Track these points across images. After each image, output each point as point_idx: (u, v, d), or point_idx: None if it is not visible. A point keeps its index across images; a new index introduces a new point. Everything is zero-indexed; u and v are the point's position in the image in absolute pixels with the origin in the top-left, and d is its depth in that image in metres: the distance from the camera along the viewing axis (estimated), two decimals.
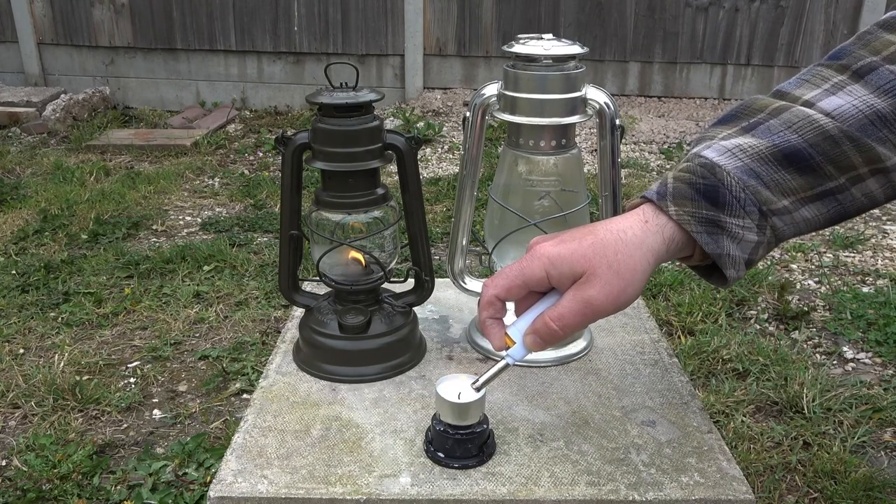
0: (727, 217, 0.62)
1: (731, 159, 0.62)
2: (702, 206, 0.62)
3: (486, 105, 0.83)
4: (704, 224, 0.62)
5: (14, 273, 2.51)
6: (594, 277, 0.61)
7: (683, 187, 0.62)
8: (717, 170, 0.62)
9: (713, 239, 0.62)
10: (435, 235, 2.79)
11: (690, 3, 4.41)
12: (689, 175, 0.63)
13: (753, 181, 0.62)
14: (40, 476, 1.57)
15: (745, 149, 0.63)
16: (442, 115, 4.47)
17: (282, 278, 0.89)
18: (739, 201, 0.61)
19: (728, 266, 0.63)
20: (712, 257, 0.63)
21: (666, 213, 0.62)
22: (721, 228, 0.62)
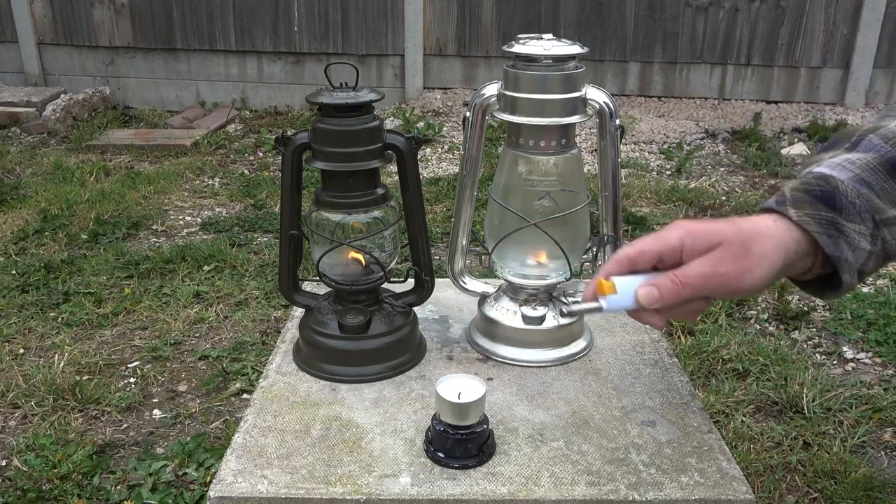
0: (845, 221, 0.64)
1: (842, 171, 0.65)
2: (821, 208, 0.64)
3: (486, 105, 0.83)
4: (825, 225, 0.63)
5: (14, 273, 2.51)
6: (727, 251, 0.62)
7: (801, 195, 0.64)
8: (831, 179, 0.65)
9: (833, 241, 0.63)
10: (435, 235, 2.78)
11: (690, 3, 4.41)
12: (805, 185, 0.65)
13: (866, 189, 0.64)
14: (40, 476, 1.57)
15: (854, 161, 0.66)
16: (442, 115, 4.47)
17: (282, 278, 0.89)
18: (855, 207, 0.64)
19: (845, 270, 0.64)
20: (832, 260, 0.64)
21: (787, 217, 0.64)
22: (840, 231, 0.64)
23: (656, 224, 2.95)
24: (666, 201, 3.22)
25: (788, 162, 3.75)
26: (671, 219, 3.02)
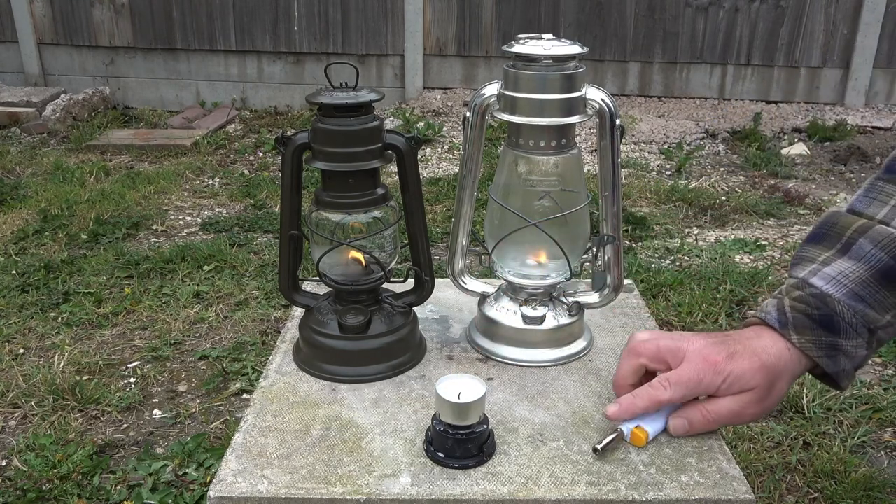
0: (843, 341, 0.71)
1: (837, 287, 0.71)
2: (821, 333, 0.71)
3: (486, 105, 0.83)
4: (825, 349, 0.71)
5: (14, 273, 2.51)
6: (757, 396, 0.70)
7: (801, 318, 0.71)
8: (828, 300, 0.71)
9: (832, 360, 0.71)
10: (435, 235, 2.79)
11: (690, 3, 4.41)
12: (804, 306, 0.72)
13: (861, 305, 0.71)
14: (40, 476, 1.57)
15: (848, 275, 0.71)
16: (442, 115, 4.47)
17: (282, 278, 0.89)
18: (852, 326, 0.71)
19: (843, 379, 0.72)
20: (832, 376, 0.72)
21: (789, 341, 0.71)
22: (838, 350, 0.71)
23: (656, 224, 2.95)
24: (666, 201, 3.22)
25: (788, 162, 3.75)
26: (671, 218, 3.02)
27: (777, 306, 0.73)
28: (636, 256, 2.63)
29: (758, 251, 2.73)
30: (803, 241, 0.78)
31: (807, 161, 3.81)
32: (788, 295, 0.74)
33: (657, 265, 2.56)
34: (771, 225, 3.02)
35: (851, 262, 0.72)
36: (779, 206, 3.17)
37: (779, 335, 0.72)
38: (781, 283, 2.37)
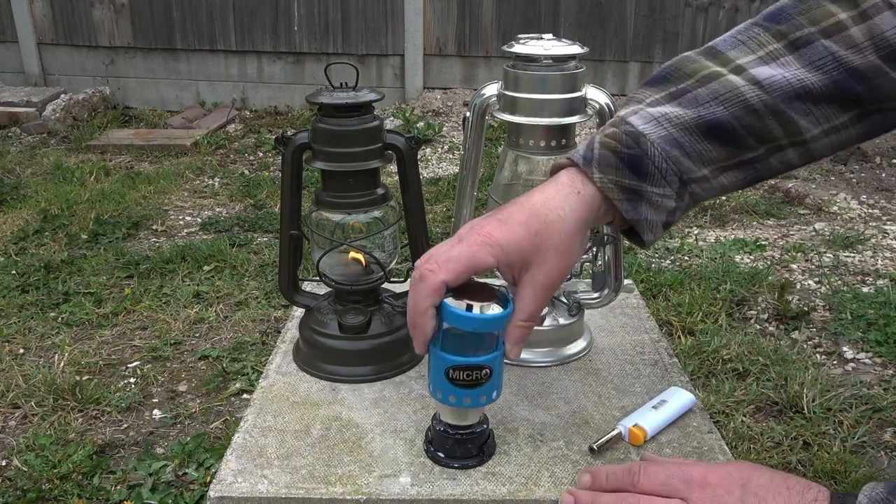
0: (648, 186, 0.64)
1: (656, 128, 0.64)
2: (625, 174, 0.64)
3: (486, 105, 0.83)
4: (626, 192, 0.64)
5: (14, 273, 2.51)
6: (544, 263, 0.63)
7: (609, 154, 0.64)
8: (641, 139, 0.63)
9: (633, 206, 0.64)
10: (435, 235, 2.79)
11: (690, 3, 4.41)
12: (615, 142, 0.64)
13: (676, 151, 0.64)
14: (40, 476, 1.57)
15: (671, 118, 0.64)
16: (442, 115, 4.47)
17: (282, 278, 0.89)
18: (661, 171, 0.64)
19: (646, 230, 0.66)
20: (631, 223, 0.65)
21: (591, 181, 0.64)
22: (641, 196, 0.64)
23: None
24: None
25: None
26: None
27: (587, 143, 0.66)
28: (636, 256, 2.63)
29: (758, 251, 2.73)
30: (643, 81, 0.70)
31: None
32: (602, 132, 0.66)
33: (657, 265, 2.56)
34: (771, 225, 3.02)
35: (679, 108, 0.64)
36: (779, 206, 3.17)
37: (579, 174, 0.64)
38: (781, 282, 2.37)
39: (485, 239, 0.62)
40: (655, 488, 0.61)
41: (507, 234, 0.62)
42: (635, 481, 0.62)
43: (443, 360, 0.65)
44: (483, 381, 0.65)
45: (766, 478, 0.60)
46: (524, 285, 0.63)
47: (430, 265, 0.62)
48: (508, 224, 0.63)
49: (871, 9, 0.62)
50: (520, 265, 0.63)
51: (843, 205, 3.24)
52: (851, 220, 3.07)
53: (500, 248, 0.62)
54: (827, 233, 2.90)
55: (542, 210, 0.63)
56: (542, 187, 0.65)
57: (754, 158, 0.66)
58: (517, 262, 0.63)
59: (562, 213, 0.63)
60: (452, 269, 0.62)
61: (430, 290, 0.62)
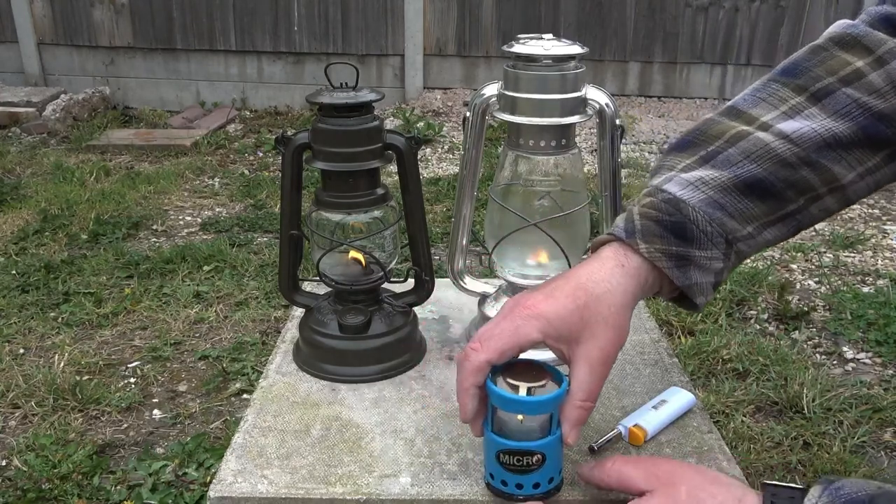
0: (696, 251, 0.63)
1: (694, 192, 0.63)
2: (671, 241, 0.63)
3: (486, 105, 0.83)
4: (674, 259, 0.63)
5: (14, 273, 2.51)
6: (595, 338, 0.61)
7: (651, 224, 0.63)
8: (681, 205, 0.63)
9: (682, 272, 0.63)
10: (435, 235, 2.79)
11: (690, 3, 4.41)
12: (655, 212, 0.63)
13: (719, 213, 0.63)
14: (40, 476, 1.57)
15: (707, 181, 0.63)
16: (442, 115, 4.47)
17: (282, 278, 0.89)
18: (707, 235, 0.63)
19: (697, 294, 0.65)
20: (682, 289, 0.64)
21: (637, 252, 0.63)
22: (690, 262, 0.63)
23: None
24: None
25: None
26: None
27: (626, 217, 0.65)
28: None
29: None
30: (667, 148, 0.69)
31: None
32: (639, 203, 0.65)
33: None
34: None
35: (714, 171, 0.64)
36: None
37: (622, 247, 0.63)
38: (781, 282, 2.37)
39: (529, 312, 0.61)
40: None
41: (552, 307, 0.61)
42: None
43: (493, 442, 0.62)
44: (535, 467, 0.61)
45: None
46: (578, 362, 0.61)
47: (473, 344, 0.61)
48: (554, 297, 0.61)
49: (887, 54, 0.64)
50: (568, 339, 0.61)
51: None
52: (851, 220, 3.07)
53: (547, 321, 0.60)
54: (827, 233, 2.90)
55: (588, 283, 0.62)
56: (585, 263, 0.64)
57: (795, 210, 0.66)
58: (565, 336, 0.61)
59: (608, 286, 0.62)
60: (495, 346, 0.60)
61: (472, 370, 0.61)
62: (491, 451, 0.63)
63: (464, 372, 0.61)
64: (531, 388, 0.61)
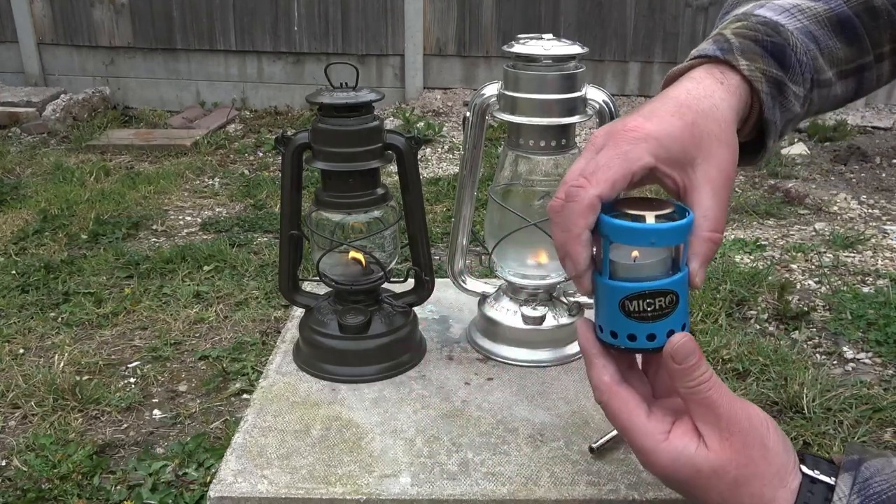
0: (790, 82, 0.57)
1: (790, 19, 0.58)
2: (772, 64, 0.56)
3: (486, 105, 0.83)
4: (772, 84, 0.56)
5: (14, 273, 2.51)
6: (712, 156, 0.53)
7: (751, 44, 0.56)
8: (780, 29, 0.57)
9: (774, 103, 0.57)
10: (435, 235, 2.79)
11: (690, 3, 4.41)
12: (753, 32, 0.56)
13: (813, 45, 0.58)
14: (40, 476, 1.57)
15: (804, 9, 0.58)
16: (442, 115, 4.47)
17: (282, 278, 0.89)
18: (801, 66, 0.57)
19: (771, 135, 0.58)
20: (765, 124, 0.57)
21: (737, 70, 0.55)
22: (781, 93, 0.57)
23: None
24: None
25: (788, 162, 3.75)
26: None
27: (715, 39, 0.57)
28: None
29: (758, 251, 2.73)
30: None
31: (807, 161, 3.80)
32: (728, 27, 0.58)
33: None
34: (771, 225, 3.02)
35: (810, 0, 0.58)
36: (779, 206, 3.17)
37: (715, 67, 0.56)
38: (781, 282, 2.37)
39: (635, 135, 0.52)
40: None
41: (660, 126, 0.52)
42: None
43: (616, 290, 0.53)
44: (669, 310, 0.53)
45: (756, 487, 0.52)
46: (699, 187, 0.53)
47: (576, 182, 0.52)
48: (659, 115, 0.53)
49: None
50: (683, 163, 0.53)
51: (843, 205, 3.24)
52: (851, 220, 3.07)
53: (657, 141, 0.52)
54: (827, 233, 2.90)
55: (690, 100, 0.54)
56: (677, 84, 0.56)
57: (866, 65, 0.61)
58: (679, 158, 0.53)
59: (712, 101, 0.54)
60: (604, 178, 0.51)
61: (582, 209, 0.51)
62: (613, 302, 0.53)
63: (571, 214, 0.52)
64: (658, 215, 0.52)
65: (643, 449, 0.53)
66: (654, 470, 0.53)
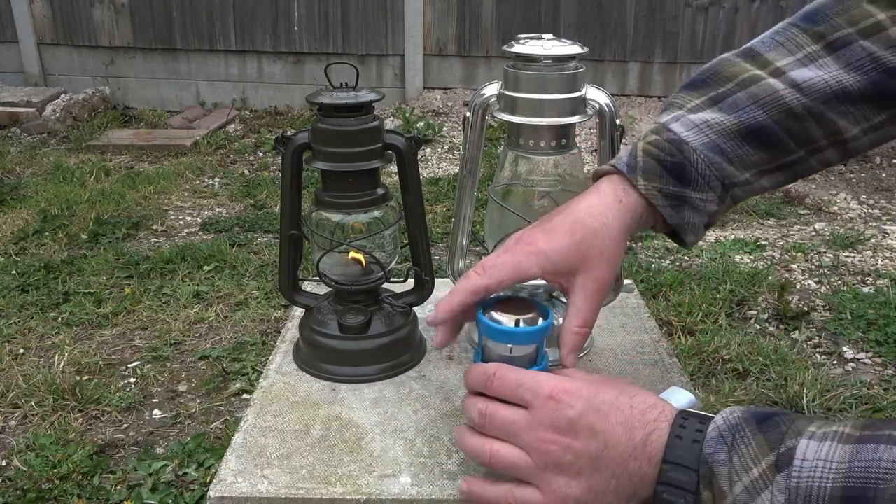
0: (692, 192, 0.65)
1: (698, 135, 0.65)
2: (669, 182, 0.65)
3: (486, 105, 0.83)
4: (670, 199, 0.65)
5: (14, 273, 2.51)
6: (593, 269, 0.64)
7: (652, 163, 0.65)
8: (684, 147, 0.64)
9: (676, 212, 0.66)
10: (435, 235, 2.79)
11: (690, 3, 4.41)
12: (658, 151, 0.65)
13: (719, 157, 0.65)
14: (40, 476, 1.57)
15: (713, 125, 0.65)
16: (442, 115, 4.47)
17: (282, 278, 0.89)
18: (704, 178, 0.65)
19: (688, 233, 0.67)
20: (674, 227, 0.67)
21: (636, 188, 0.65)
22: (685, 202, 0.65)
23: None
24: None
25: None
26: None
27: (630, 151, 0.67)
28: (636, 256, 2.63)
29: (758, 251, 2.73)
30: (681, 85, 0.71)
31: None
32: (644, 139, 0.67)
33: (657, 265, 2.56)
34: (771, 225, 3.02)
35: (720, 114, 0.65)
36: (779, 206, 3.17)
37: (621, 182, 0.65)
38: (781, 282, 2.37)
39: (530, 249, 0.64)
40: (505, 394, 0.60)
41: (552, 244, 0.64)
42: (489, 384, 0.61)
43: None
44: None
45: (612, 394, 0.58)
46: (576, 291, 0.64)
47: (475, 269, 0.65)
48: (555, 233, 0.64)
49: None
50: (567, 273, 0.64)
51: (843, 205, 3.24)
52: (851, 220, 3.07)
53: (545, 256, 0.63)
54: (827, 233, 2.90)
55: (586, 218, 0.64)
56: (584, 196, 0.67)
57: (795, 160, 0.67)
58: (564, 270, 0.64)
59: (605, 220, 0.64)
60: (496, 276, 0.64)
61: (468, 288, 0.64)
62: None
63: (459, 288, 0.65)
64: (519, 320, 0.64)
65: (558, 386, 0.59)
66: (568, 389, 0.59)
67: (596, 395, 0.58)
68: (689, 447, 0.54)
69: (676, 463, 0.54)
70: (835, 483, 0.48)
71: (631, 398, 0.58)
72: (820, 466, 0.49)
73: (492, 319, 0.64)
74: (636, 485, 0.56)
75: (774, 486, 0.50)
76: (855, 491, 0.48)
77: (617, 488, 0.56)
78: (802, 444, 0.51)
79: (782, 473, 0.50)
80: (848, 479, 0.48)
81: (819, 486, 0.49)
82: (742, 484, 0.51)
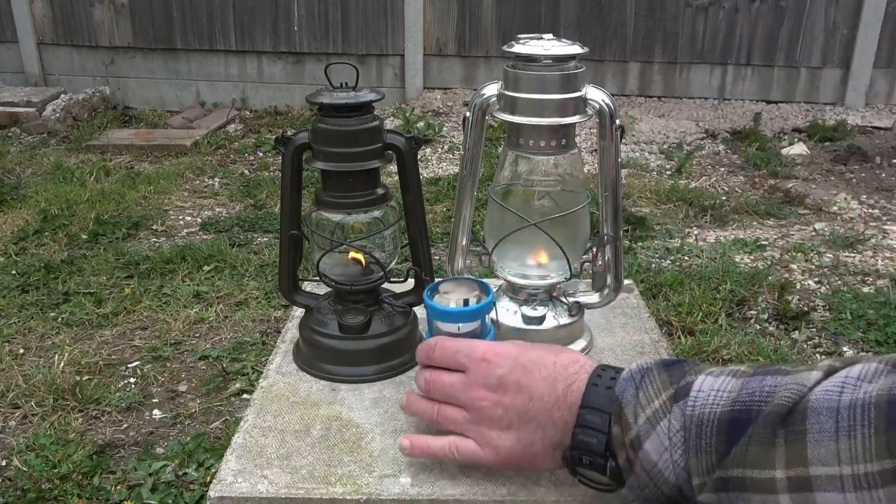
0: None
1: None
2: None
3: (486, 105, 0.83)
4: None
5: (14, 273, 2.51)
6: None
7: None
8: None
9: None
10: (435, 235, 2.79)
11: (690, 3, 4.41)
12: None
13: None
14: (40, 476, 1.57)
15: None
16: (442, 115, 4.47)
17: (282, 278, 0.89)
18: None
19: None
20: None
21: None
22: None
23: (656, 224, 2.95)
24: (666, 201, 3.22)
25: (788, 162, 3.75)
26: (671, 218, 3.03)
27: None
28: (636, 256, 2.63)
29: (758, 251, 2.73)
30: None
31: (807, 161, 3.81)
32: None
33: (657, 265, 2.56)
34: (771, 225, 3.02)
35: None
36: (779, 207, 3.17)
37: None
38: (781, 282, 2.37)
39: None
40: (445, 362, 0.66)
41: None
42: (431, 355, 0.67)
43: None
44: None
45: (538, 352, 0.63)
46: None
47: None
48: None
49: None
50: None
51: (843, 205, 3.24)
52: (851, 220, 3.07)
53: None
54: (827, 233, 2.90)
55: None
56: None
57: None
58: None
59: None
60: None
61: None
62: None
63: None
64: (467, 300, 0.71)
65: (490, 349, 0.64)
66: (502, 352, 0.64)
67: (523, 354, 0.63)
68: (604, 393, 0.59)
69: (591, 407, 0.58)
70: (723, 408, 0.53)
71: (556, 355, 0.62)
72: (713, 396, 0.54)
73: (439, 303, 0.70)
74: (560, 432, 0.60)
75: (672, 415, 0.55)
76: (740, 413, 0.52)
77: (543, 437, 0.61)
78: (700, 379, 0.56)
79: (679, 403, 0.55)
80: (735, 404, 0.53)
81: (710, 412, 0.53)
82: (645, 415, 0.56)
